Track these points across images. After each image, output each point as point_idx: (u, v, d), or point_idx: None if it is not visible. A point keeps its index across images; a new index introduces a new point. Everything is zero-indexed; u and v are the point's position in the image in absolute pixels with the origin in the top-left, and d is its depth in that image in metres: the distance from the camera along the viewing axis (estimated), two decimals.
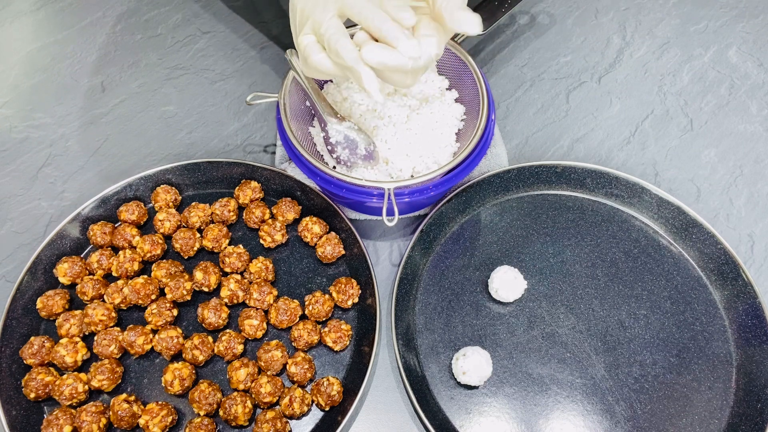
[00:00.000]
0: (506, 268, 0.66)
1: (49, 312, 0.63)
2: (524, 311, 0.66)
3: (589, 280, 0.68)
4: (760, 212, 0.73)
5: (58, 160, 0.76)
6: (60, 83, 0.83)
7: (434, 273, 0.68)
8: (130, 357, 0.62)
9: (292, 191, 0.71)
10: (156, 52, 0.86)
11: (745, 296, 0.65)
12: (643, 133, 0.80)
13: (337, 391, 0.59)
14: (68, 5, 0.90)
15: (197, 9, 0.90)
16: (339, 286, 0.64)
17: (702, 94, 0.83)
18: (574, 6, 0.91)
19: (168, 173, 0.71)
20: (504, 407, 0.61)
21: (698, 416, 0.60)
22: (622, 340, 0.64)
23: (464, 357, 0.61)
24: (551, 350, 0.64)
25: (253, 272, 0.65)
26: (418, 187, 0.61)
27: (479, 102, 0.65)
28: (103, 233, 0.67)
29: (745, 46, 0.87)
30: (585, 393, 0.62)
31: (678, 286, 0.67)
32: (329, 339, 0.62)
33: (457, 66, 0.69)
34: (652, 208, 0.71)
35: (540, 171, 0.72)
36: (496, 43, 0.87)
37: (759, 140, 0.79)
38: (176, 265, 0.66)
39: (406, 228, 0.72)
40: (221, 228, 0.68)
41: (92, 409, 0.57)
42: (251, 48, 0.86)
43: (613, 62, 0.86)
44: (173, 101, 0.81)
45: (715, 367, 0.63)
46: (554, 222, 0.71)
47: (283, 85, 0.65)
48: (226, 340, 0.61)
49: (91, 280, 0.64)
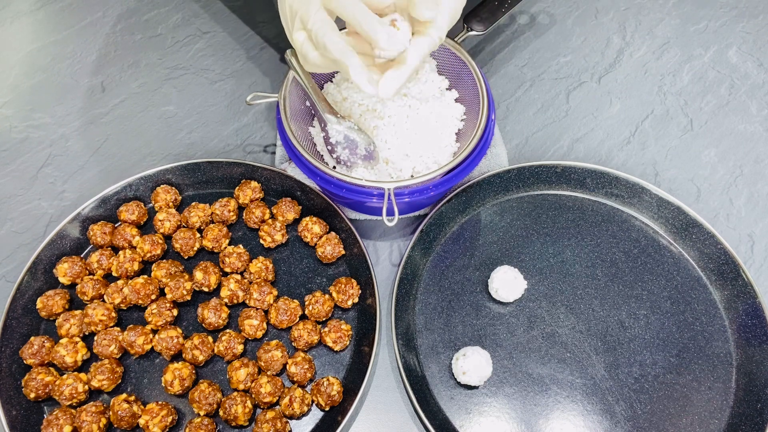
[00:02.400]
0: (506, 268, 0.66)
1: (49, 312, 0.63)
2: (524, 311, 0.66)
3: (589, 280, 0.68)
4: (760, 212, 0.73)
5: (58, 160, 0.76)
6: (60, 83, 0.83)
7: (434, 273, 0.68)
8: (130, 357, 0.62)
9: (292, 191, 0.71)
10: (156, 52, 0.86)
11: (745, 296, 0.65)
12: (643, 133, 0.80)
13: (337, 391, 0.59)
14: (68, 5, 0.90)
15: (197, 9, 0.90)
16: (339, 286, 0.64)
17: (702, 94, 0.83)
18: (574, 6, 0.91)
19: (168, 173, 0.71)
20: (504, 407, 0.61)
21: (698, 416, 0.60)
22: (622, 340, 0.64)
23: (464, 357, 0.61)
24: (551, 350, 0.64)
25: (253, 272, 0.65)
26: (418, 187, 0.61)
27: (479, 102, 0.65)
28: (103, 233, 0.67)
29: (745, 46, 0.87)
30: (585, 393, 0.62)
31: (678, 286, 0.67)
32: (329, 339, 0.62)
33: (457, 66, 0.69)
34: (652, 208, 0.71)
35: (540, 171, 0.72)
36: (496, 43, 0.87)
37: (759, 140, 0.79)
38: (176, 265, 0.66)
39: (406, 228, 0.72)
40: (221, 228, 0.68)
41: (92, 409, 0.57)
42: (251, 48, 0.86)
43: (613, 62, 0.86)
44: (173, 101, 0.81)
45: (715, 367, 0.63)
46: (554, 222, 0.71)
47: (283, 85, 0.65)
48: (226, 340, 0.61)
49: (91, 280, 0.64)
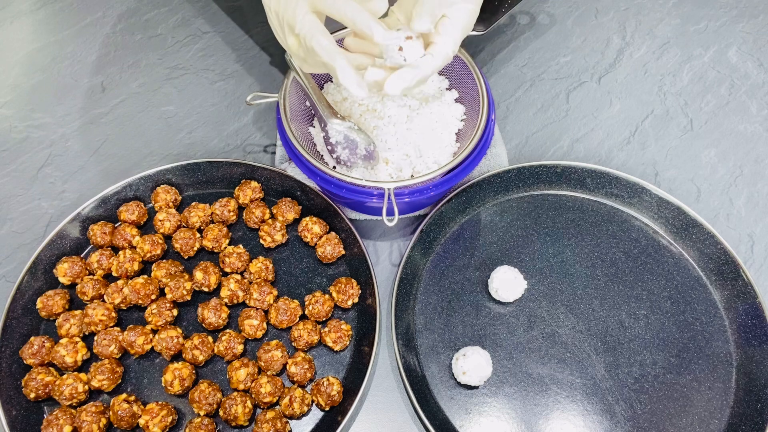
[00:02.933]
0: (506, 268, 0.66)
1: (49, 312, 0.63)
2: (524, 311, 0.66)
3: (589, 280, 0.68)
4: (760, 212, 0.73)
5: (58, 160, 0.76)
6: (60, 83, 0.83)
7: (434, 273, 0.68)
8: (130, 357, 0.62)
9: (292, 191, 0.71)
10: (156, 52, 0.86)
11: (745, 296, 0.65)
12: (643, 133, 0.80)
13: (337, 391, 0.59)
14: (68, 5, 0.90)
15: (197, 9, 0.90)
16: (339, 286, 0.64)
17: (702, 94, 0.83)
18: (574, 6, 0.91)
19: (168, 173, 0.71)
20: (504, 407, 0.61)
21: (698, 416, 0.60)
22: (622, 340, 0.64)
23: (464, 357, 0.60)
24: (551, 350, 0.64)
25: (253, 272, 0.65)
26: (418, 187, 0.61)
27: (479, 102, 0.65)
28: (103, 233, 0.67)
29: (745, 46, 0.87)
30: (585, 393, 0.62)
31: (678, 286, 0.67)
32: (329, 339, 0.62)
33: (457, 66, 0.69)
34: (652, 208, 0.71)
35: (540, 171, 0.72)
36: (496, 43, 0.87)
37: (759, 140, 0.79)
38: (176, 265, 0.66)
39: (406, 228, 0.72)
40: (221, 228, 0.68)
41: (92, 409, 0.57)
42: (251, 48, 0.86)
43: (613, 62, 0.86)
44: (173, 101, 0.81)
45: (715, 367, 0.63)
46: (554, 222, 0.71)
47: (283, 85, 0.65)
48: (226, 340, 0.61)
49: (91, 280, 0.64)
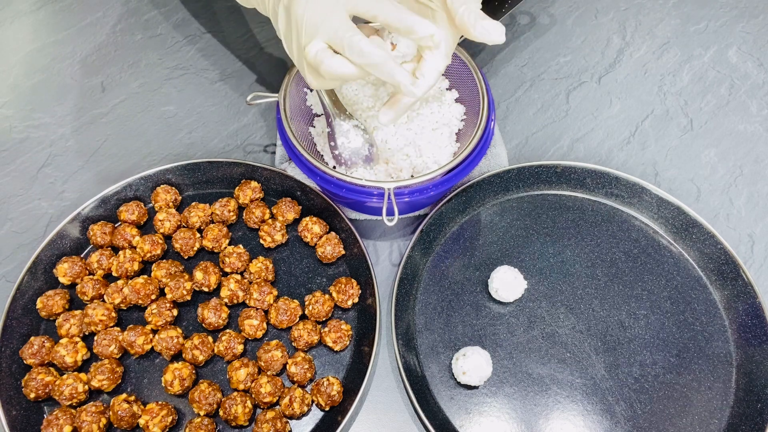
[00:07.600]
0: (506, 268, 0.66)
1: (49, 312, 0.63)
2: (524, 311, 0.66)
3: (589, 280, 0.68)
4: (760, 212, 0.73)
5: (58, 160, 0.76)
6: (60, 83, 0.83)
7: (434, 273, 0.68)
8: (130, 357, 0.62)
9: (292, 191, 0.71)
10: (156, 52, 0.86)
11: (745, 296, 0.65)
12: (643, 133, 0.80)
13: (337, 391, 0.59)
14: (68, 5, 0.90)
15: (197, 9, 0.90)
16: (339, 286, 0.64)
17: (702, 94, 0.83)
18: (574, 6, 0.91)
19: (168, 173, 0.71)
20: (504, 407, 0.61)
21: (698, 416, 0.60)
22: (622, 340, 0.64)
23: (464, 357, 0.60)
24: (551, 350, 0.64)
25: (253, 272, 0.65)
26: (418, 187, 0.61)
27: (479, 102, 0.65)
28: (103, 233, 0.67)
29: (745, 46, 0.87)
30: (585, 393, 0.62)
31: (678, 286, 0.67)
32: (329, 339, 0.62)
33: (457, 66, 0.69)
34: (652, 208, 0.71)
35: (540, 171, 0.72)
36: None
37: (759, 140, 0.79)
38: (176, 265, 0.66)
39: (406, 228, 0.72)
40: (221, 228, 0.68)
41: (92, 409, 0.57)
42: (251, 48, 0.86)
43: (613, 62, 0.86)
44: (173, 101, 0.81)
45: (715, 367, 0.63)
46: (554, 222, 0.71)
47: (283, 85, 0.65)
48: (226, 340, 0.61)
49: (91, 280, 0.64)
